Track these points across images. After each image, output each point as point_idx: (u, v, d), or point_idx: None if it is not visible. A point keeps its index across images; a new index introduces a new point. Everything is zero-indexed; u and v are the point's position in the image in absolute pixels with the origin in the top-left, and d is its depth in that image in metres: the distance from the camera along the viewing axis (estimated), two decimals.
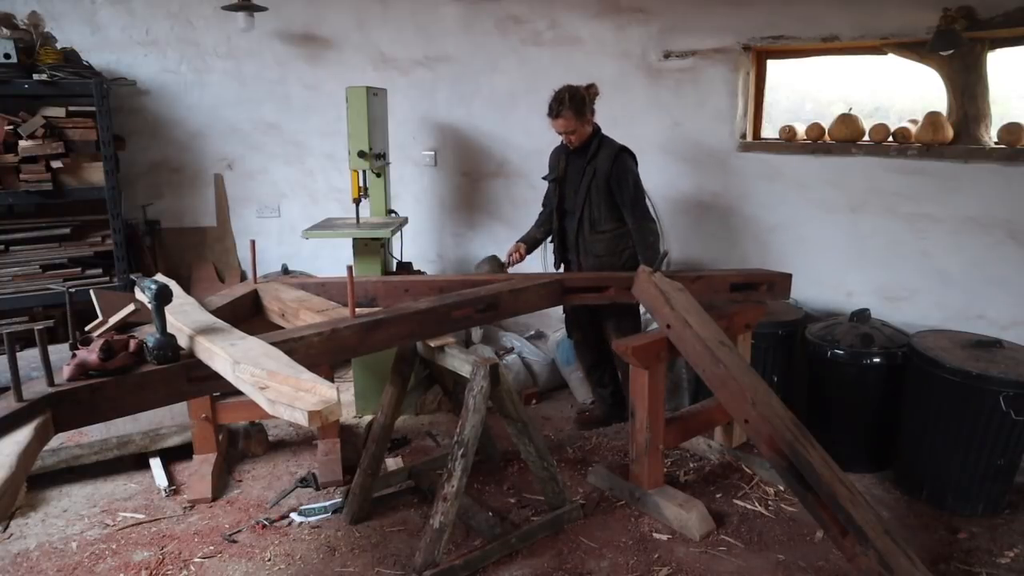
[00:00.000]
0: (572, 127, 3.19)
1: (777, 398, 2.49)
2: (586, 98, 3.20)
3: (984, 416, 2.72)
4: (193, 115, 4.47)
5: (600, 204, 3.29)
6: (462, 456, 2.43)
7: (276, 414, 1.65)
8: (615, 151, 3.25)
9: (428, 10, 4.35)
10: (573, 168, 3.36)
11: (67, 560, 2.61)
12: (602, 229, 3.33)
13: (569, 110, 3.16)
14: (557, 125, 3.22)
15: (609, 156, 3.24)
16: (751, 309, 3.17)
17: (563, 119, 3.18)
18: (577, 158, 3.33)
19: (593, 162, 3.26)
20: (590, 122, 3.26)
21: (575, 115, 3.17)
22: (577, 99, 3.17)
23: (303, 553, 2.66)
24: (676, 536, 2.73)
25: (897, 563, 2.07)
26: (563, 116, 3.17)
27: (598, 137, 3.31)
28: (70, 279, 3.80)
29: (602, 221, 3.32)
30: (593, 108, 3.28)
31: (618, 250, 3.35)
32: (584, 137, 3.26)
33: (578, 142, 3.27)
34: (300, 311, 2.59)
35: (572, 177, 3.36)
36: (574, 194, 3.34)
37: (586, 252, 3.37)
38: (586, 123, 3.23)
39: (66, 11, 4.18)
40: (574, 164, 3.35)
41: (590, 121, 3.26)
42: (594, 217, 3.32)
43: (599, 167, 3.24)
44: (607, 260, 3.35)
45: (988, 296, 3.39)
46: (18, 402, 1.73)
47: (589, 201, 3.29)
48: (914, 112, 3.71)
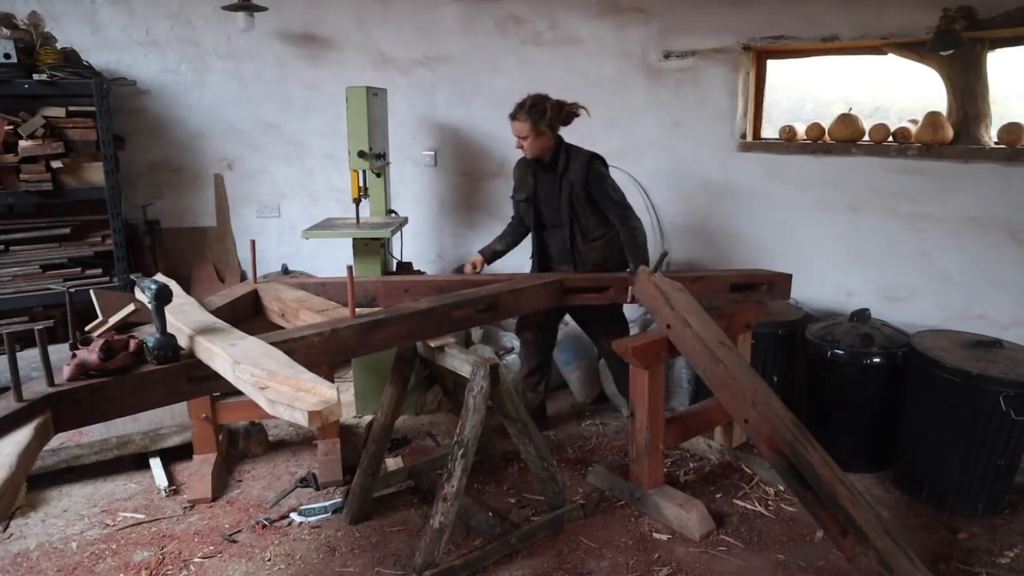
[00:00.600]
0: (524, 133, 3.14)
1: (777, 398, 2.49)
2: (548, 111, 3.12)
3: (984, 416, 2.72)
4: (193, 115, 4.47)
5: (587, 213, 3.26)
6: (462, 456, 2.43)
7: (276, 414, 1.65)
8: (586, 160, 3.21)
9: (428, 10, 4.35)
10: (544, 183, 3.30)
11: (67, 560, 2.61)
12: (595, 237, 3.31)
13: (526, 116, 3.10)
14: (513, 128, 3.18)
15: (581, 165, 3.20)
16: (751, 309, 3.17)
17: (518, 122, 3.13)
18: (546, 173, 3.27)
19: (567, 175, 3.21)
20: (547, 135, 3.17)
21: (531, 124, 3.11)
22: (538, 109, 3.11)
23: (303, 553, 2.66)
24: (676, 536, 2.73)
25: (897, 563, 2.07)
26: (518, 119, 3.12)
27: (563, 148, 3.24)
28: (70, 279, 3.80)
29: (592, 229, 3.30)
30: (562, 123, 3.21)
31: (614, 254, 3.34)
32: (537, 149, 3.19)
33: (530, 152, 3.21)
34: (300, 311, 2.59)
35: (546, 192, 3.30)
36: (554, 209, 3.29)
37: (583, 262, 3.35)
38: (541, 135, 3.14)
39: (66, 11, 4.18)
40: (544, 179, 3.30)
41: (547, 135, 3.17)
42: (584, 227, 3.29)
43: (574, 180, 3.20)
44: (604, 265, 3.34)
45: (988, 296, 3.39)
46: (18, 402, 1.73)
47: (575, 212, 3.26)
48: (914, 112, 3.71)
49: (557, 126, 3.21)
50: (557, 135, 3.25)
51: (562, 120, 3.22)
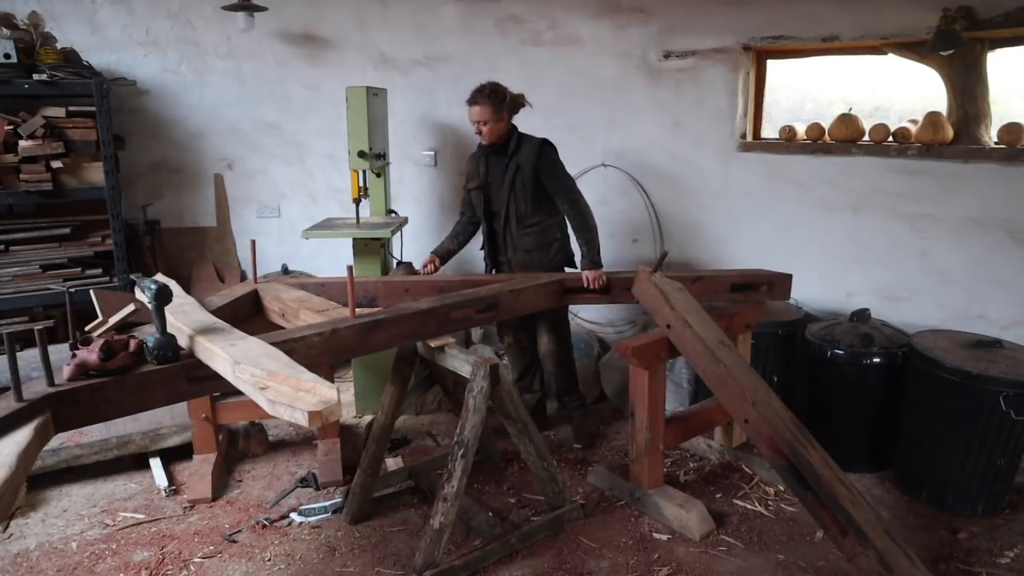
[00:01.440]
0: (485, 118, 3.18)
1: (777, 398, 2.49)
2: (507, 97, 3.21)
3: (984, 416, 2.72)
4: (193, 115, 4.47)
5: (525, 198, 3.27)
6: (462, 456, 2.43)
7: (276, 414, 1.65)
8: (537, 144, 3.26)
9: (428, 10, 4.35)
10: (495, 169, 3.33)
11: (67, 560, 2.61)
12: (529, 223, 3.32)
13: (487, 100, 3.16)
14: (472, 113, 3.22)
15: (532, 149, 3.24)
16: (751, 309, 3.17)
17: (478, 107, 3.17)
18: (497, 158, 3.31)
19: (515, 157, 3.25)
20: (505, 120, 3.24)
21: (491, 108, 3.16)
22: (498, 94, 3.18)
23: (303, 553, 2.66)
24: (676, 536, 2.73)
25: (897, 563, 2.07)
26: (479, 104, 3.17)
27: (516, 134, 3.30)
28: (70, 279, 3.80)
29: (528, 215, 3.31)
30: (513, 112, 3.28)
31: (546, 243, 3.34)
32: (496, 134, 3.23)
33: (489, 137, 3.24)
34: (300, 311, 2.59)
35: (495, 178, 3.33)
36: (499, 194, 3.32)
37: (515, 248, 3.35)
38: (500, 120, 3.21)
39: (66, 11, 4.18)
40: (495, 165, 3.32)
41: (505, 120, 3.24)
42: (520, 212, 3.30)
43: (523, 162, 3.23)
44: (536, 255, 3.33)
45: (988, 296, 3.39)
46: (18, 402, 1.73)
47: (514, 196, 3.28)
48: (914, 112, 3.71)
49: (512, 113, 3.28)
50: (511, 123, 3.31)
51: (515, 108, 3.29)
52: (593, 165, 4.34)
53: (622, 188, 4.34)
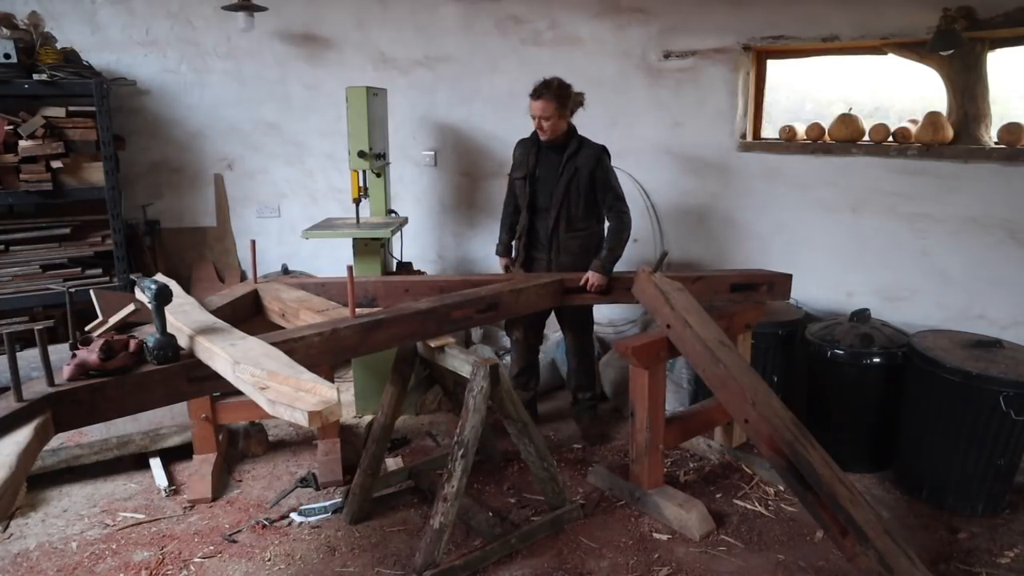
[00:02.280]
0: (549, 113, 3.15)
1: (777, 398, 2.49)
2: (571, 95, 3.20)
3: (984, 416, 2.72)
4: (193, 115, 4.47)
5: (579, 202, 3.26)
6: (462, 456, 2.43)
7: (276, 414, 1.65)
8: (598, 151, 3.25)
9: (428, 10, 4.35)
10: (547, 165, 3.30)
11: (67, 560, 2.61)
12: (578, 228, 3.31)
13: (553, 95, 3.13)
14: (535, 107, 3.17)
15: (592, 155, 3.22)
16: (751, 309, 3.17)
17: (543, 101, 3.13)
18: (552, 154, 3.28)
19: (574, 160, 3.23)
20: (567, 119, 3.24)
21: (556, 103, 3.14)
22: (564, 90, 3.17)
23: (303, 553, 2.66)
24: (676, 536, 2.73)
25: (897, 563, 2.07)
26: (544, 99, 3.13)
27: (577, 137, 3.29)
28: (70, 279, 3.80)
29: (579, 220, 3.30)
30: (573, 111, 3.27)
31: (591, 248, 3.33)
32: (557, 131, 3.21)
33: (550, 133, 3.21)
34: (300, 311, 2.59)
35: (546, 174, 3.30)
36: (550, 192, 3.30)
37: (560, 250, 3.33)
38: (563, 117, 3.20)
39: (66, 11, 4.18)
40: (548, 161, 3.30)
41: (567, 118, 3.23)
42: (572, 215, 3.29)
43: (581, 165, 3.22)
44: (581, 259, 3.29)
45: (988, 296, 3.39)
46: (18, 402, 1.73)
47: (568, 199, 3.26)
48: (914, 112, 3.71)
49: (572, 112, 3.28)
50: (571, 122, 3.30)
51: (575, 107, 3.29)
52: None
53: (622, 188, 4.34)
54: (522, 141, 3.43)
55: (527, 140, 3.39)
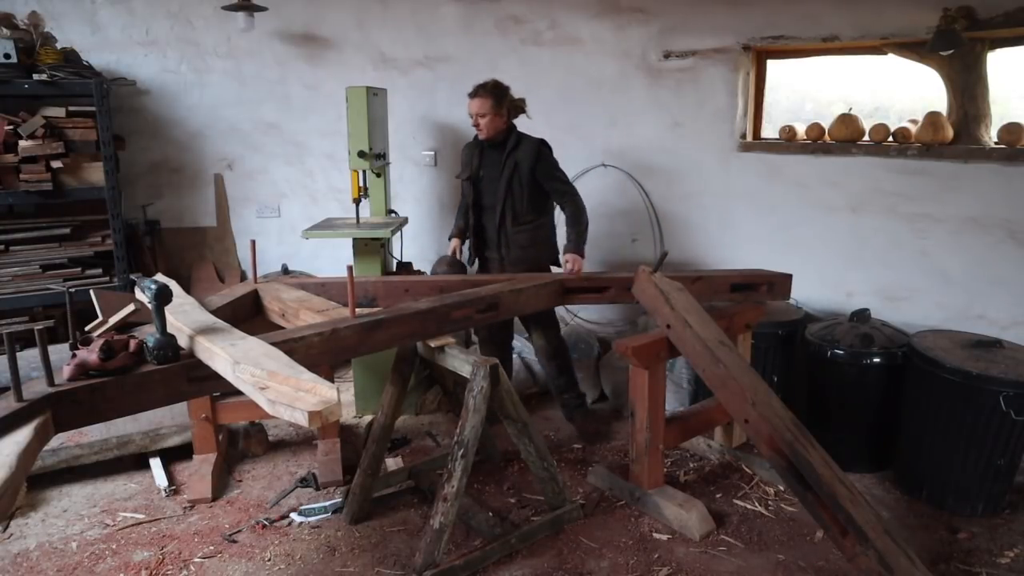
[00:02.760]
0: (485, 110, 3.26)
1: (777, 398, 2.49)
2: (507, 95, 3.30)
3: (984, 416, 2.72)
4: (193, 115, 4.47)
5: (523, 196, 3.34)
6: (462, 456, 2.43)
7: (276, 414, 1.65)
8: (536, 144, 3.33)
9: (428, 10, 4.35)
10: (489, 164, 3.40)
11: (67, 560, 2.61)
12: (525, 221, 3.38)
13: (488, 93, 3.25)
14: (471, 106, 3.30)
15: (531, 149, 3.30)
16: (751, 309, 3.17)
17: (479, 99, 3.26)
18: (494, 153, 3.38)
19: (513, 155, 3.31)
20: (503, 117, 3.32)
21: (492, 100, 3.25)
22: (500, 90, 3.28)
23: (303, 553, 2.66)
24: (676, 536, 2.73)
25: (897, 563, 2.07)
26: (480, 97, 3.26)
27: (515, 133, 3.37)
28: (70, 279, 3.80)
29: (524, 213, 3.37)
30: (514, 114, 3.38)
31: (539, 240, 3.43)
32: (493, 129, 3.30)
33: (487, 131, 3.31)
34: (300, 311, 2.59)
35: (489, 173, 3.40)
36: (494, 189, 3.37)
37: (509, 245, 3.40)
38: (499, 116, 3.29)
39: (66, 11, 4.18)
40: (490, 159, 3.39)
41: (503, 117, 3.32)
42: (517, 210, 3.36)
43: (520, 159, 3.30)
44: (531, 251, 3.40)
45: (988, 296, 3.39)
46: (18, 402, 1.73)
47: (511, 194, 3.33)
48: (914, 112, 3.71)
49: (510, 112, 3.35)
50: (510, 121, 3.37)
51: (515, 110, 3.37)
52: (593, 165, 4.35)
53: (622, 188, 4.34)
54: (468, 143, 3.53)
55: (471, 143, 3.49)
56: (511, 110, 3.36)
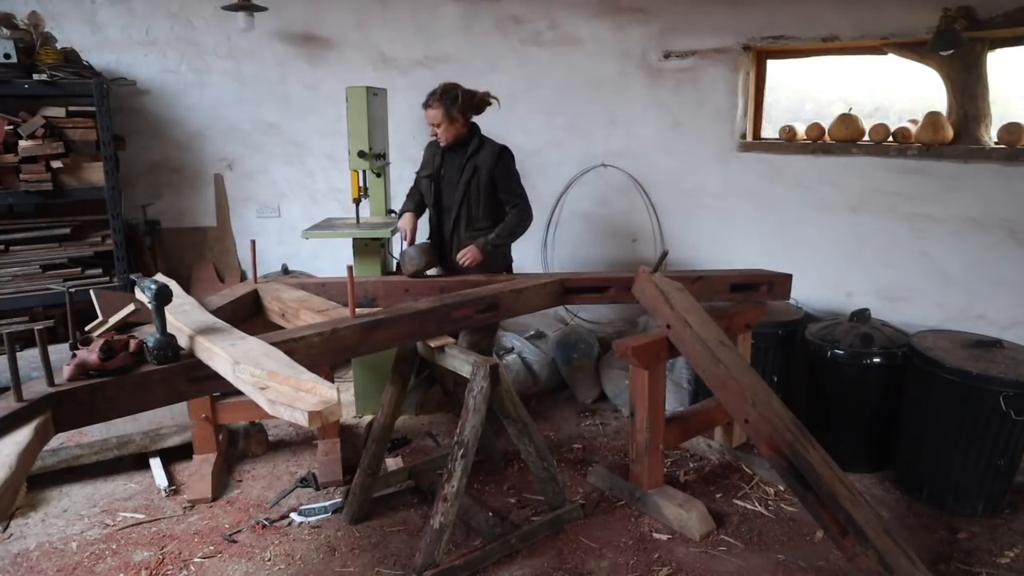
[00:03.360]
0: (438, 120, 3.19)
1: (777, 398, 2.49)
2: (459, 98, 3.19)
3: (984, 416, 2.72)
4: (193, 115, 4.47)
5: (479, 202, 3.29)
6: (462, 456, 2.43)
7: (276, 414, 1.65)
8: (497, 149, 3.28)
9: (428, 10, 4.35)
10: (451, 165, 3.34)
11: (67, 560, 2.61)
12: (479, 227, 3.33)
13: (439, 103, 3.17)
14: (426, 116, 3.25)
15: (492, 153, 3.26)
16: (751, 309, 3.17)
17: (431, 110, 3.19)
18: (455, 155, 3.32)
19: (474, 160, 3.27)
20: (460, 121, 3.24)
21: (443, 110, 3.17)
22: (449, 95, 3.18)
23: (303, 553, 2.66)
24: (676, 536, 2.73)
25: (897, 563, 2.07)
26: (431, 107, 3.19)
27: (477, 136, 3.32)
28: (70, 279, 3.79)
29: (479, 219, 3.32)
30: (477, 110, 3.28)
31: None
32: (451, 135, 3.24)
33: (446, 138, 3.25)
34: (300, 311, 2.59)
35: (449, 174, 3.35)
36: (452, 191, 3.34)
37: (460, 248, 3.32)
38: (454, 121, 3.21)
39: (66, 11, 4.18)
40: (451, 161, 3.34)
41: (460, 121, 3.23)
42: (472, 215, 3.32)
43: (481, 164, 3.25)
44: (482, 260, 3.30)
45: (988, 296, 3.39)
46: (18, 402, 1.73)
47: (468, 198, 3.30)
48: (914, 112, 3.71)
49: (469, 113, 3.28)
50: (471, 122, 3.32)
51: (474, 108, 3.28)
52: (593, 165, 4.35)
53: (622, 188, 4.34)
54: (431, 143, 3.47)
55: (434, 141, 3.41)
56: (468, 111, 3.25)
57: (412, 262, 3.14)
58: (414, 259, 3.15)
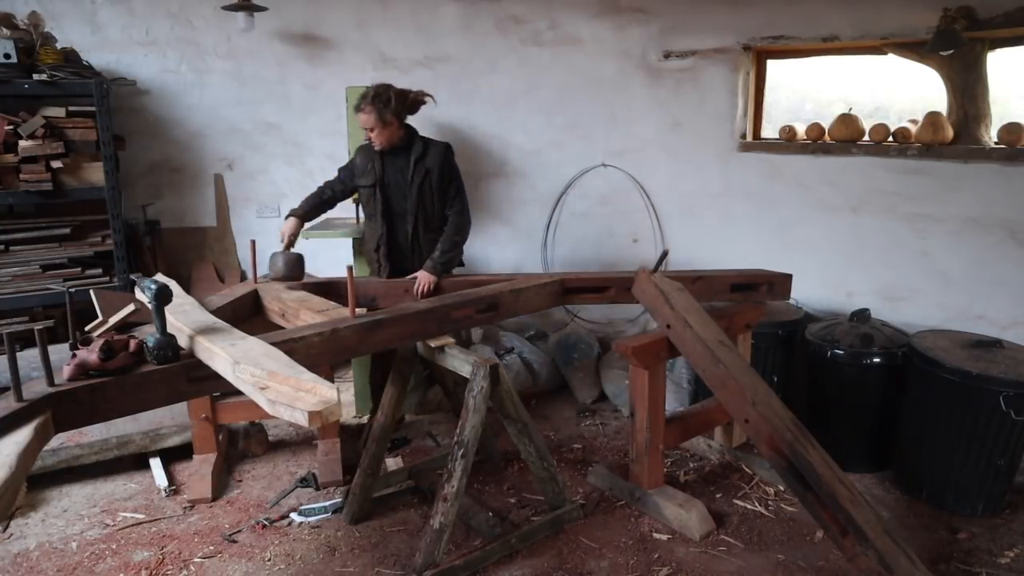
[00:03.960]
0: (371, 125, 3.08)
1: (777, 398, 2.49)
2: (392, 100, 3.07)
3: (984, 416, 2.72)
4: (193, 115, 4.46)
5: (434, 202, 3.22)
6: (462, 456, 2.43)
7: (276, 414, 1.65)
8: (443, 147, 3.22)
9: (428, 10, 4.35)
10: (395, 169, 3.21)
11: (67, 560, 2.61)
12: (435, 228, 3.26)
13: (370, 107, 3.05)
14: (359, 121, 3.13)
15: (439, 153, 3.19)
16: (751, 309, 3.17)
17: (363, 115, 3.08)
18: (399, 159, 3.19)
19: (423, 162, 3.16)
20: (394, 124, 3.12)
21: (376, 114, 3.06)
22: (381, 98, 3.06)
23: (303, 553, 2.66)
24: (676, 536, 2.73)
25: (897, 563, 2.07)
26: (363, 111, 3.07)
27: (419, 138, 3.22)
28: (70, 279, 3.79)
29: (436, 219, 3.26)
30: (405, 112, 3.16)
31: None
32: (386, 139, 3.13)
33: (381, 142, 3.13)
34: (300, 311, 2.59)
35: (395, 179, 3.21)
36: (404, 197, 3.21)
37: (423, 253, 3.24)
38: (388, 124, 3.10)
39: (66, 11, 4.17)
40: (395, 165, 3.20)
41: (394, 123, 3.12)
42: (428, 216, 3.24)
43: (431, 166, 3.16)
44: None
45: (988, 296, 3.39)
46: (18, 402, 1.73)
47: (423, 202, 3.21)
48: (914, 112, 3.71)
49: (403, 114, 3.16)
50: (406, 124, 3.21)
51: (408, 109, 3.18)
52: (593, 165, 4.35)
53: (622, 188, 4.34)
54: (363, 147, 3.30)
55: (367, 146, 3.26)
56: (402, 112, 3.14)
57: (277, 271, 2.98)
58: (280, 268, 2.99)
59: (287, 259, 3.03)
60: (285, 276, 2.99)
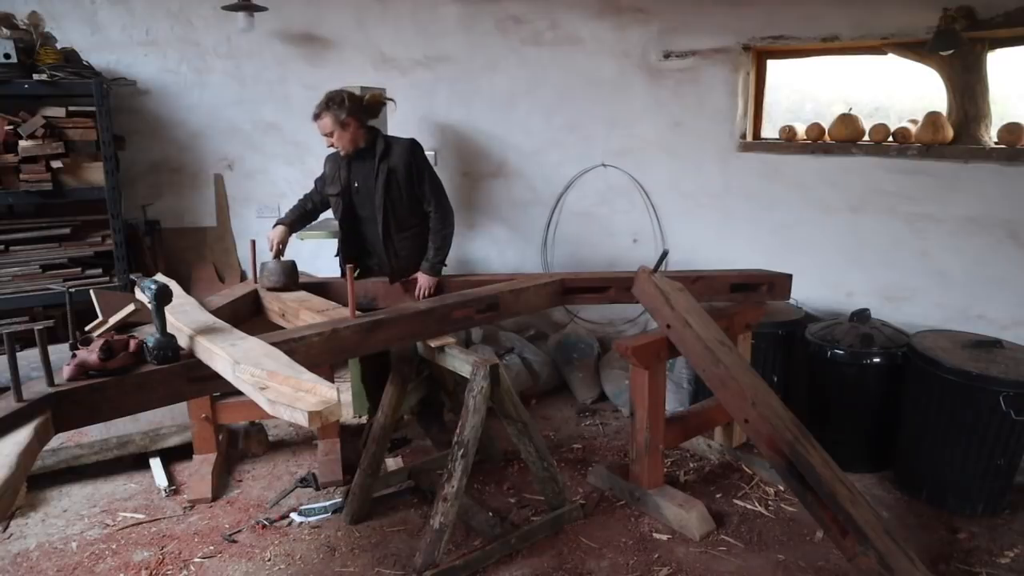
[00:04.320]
0: (329, 129, 3.00)
1: (777, 398, 2.49)
2: (346, 101, 2.99)
3: (984, 416, 2.72)
4: (193, 115, 4.46)
5: (403, 201, 3.13)
6: (462, 456, 2.43)
7: (276, 414, 1.65)
8: (407, 143, 3.10)
9: (428, 10, 4.35)
10: (361, 174, 3.13)
11: (67, 560, 2.62)
12: (408, 226, 3.18)
13: (327, 111, 2.98)
14: (318, 128, 3.05)
15: (403, 151, 3.09)
16: (751, 309, 3.17)
17: (320, 121, 3.00)
18: (364, 163, 3.11)
19: (386, 161, 3.06)
20: (353, 126, 3.03)
21: (332, 117, 2.97)
22: (335, 102, 2.98)
23: (303, 553, 2.66)
24: (676, 536, 2.73)
25: (897, 563, 2.07)
26: (320, 118, 3.00)
27: (381, 138, 3.12)
28: (70, 279, 3.79)
29: (406, 218, 3.17)
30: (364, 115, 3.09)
31: (424, 242, 3.19)
32: (347, 142, 3.04)
33: (343, 146, 3.05)
34: (300, 311, 2.59)
35: (362, 182, 3.13)
36: (370, 199, 3.13)
37: (397, 254, 3.18)
38: (346, 126, 3.00)
39: (66, 11, 4.17)
40: (361, 170, 3.12)
41: (352, 125, 3.02)
42: (399, 216, 3.15)
43: (395, 164, 3.06)
44: (417, 255, 3.17)
45: (988, 296, 3.39)
46: (18, 402, 1.73)
47: (391, 202, 3.12)
48: (914, 112, 3.71)
49: (363, 116, 3.08)
50: (367, 125, 3.12)
51: (367, 111, 3.11)
52: (593, 165, 4.35)
53: (622, 188, 4.34)
54: (330, 156, 3.24)
55: (335, 155, 3.18)
56: (360, 114, 3.06)
57: (271, 277, 2.91)
58: (273, 275, 2.92)
59: (279, 267, 2.97)
60: (283, 285, 2.93)
